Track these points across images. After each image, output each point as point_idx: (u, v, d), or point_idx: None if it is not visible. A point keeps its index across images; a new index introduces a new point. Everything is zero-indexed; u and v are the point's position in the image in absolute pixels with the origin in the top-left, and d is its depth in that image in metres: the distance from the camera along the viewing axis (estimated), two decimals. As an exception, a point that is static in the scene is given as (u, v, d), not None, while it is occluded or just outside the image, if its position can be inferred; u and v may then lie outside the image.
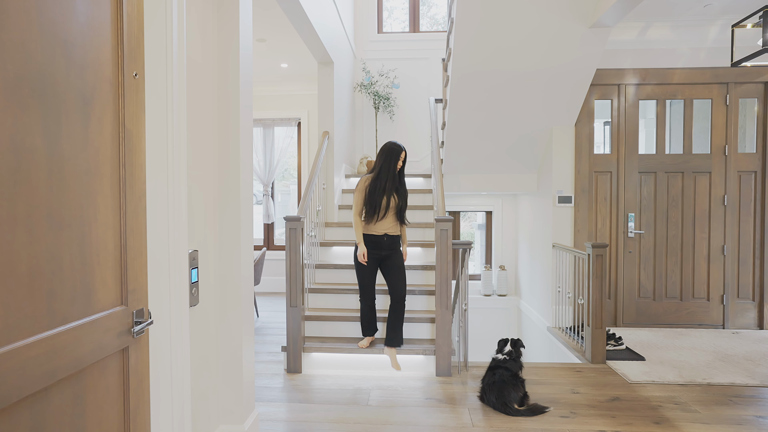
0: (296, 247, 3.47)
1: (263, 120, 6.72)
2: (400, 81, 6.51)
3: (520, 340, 3.13)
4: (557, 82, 4.31)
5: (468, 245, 3.50)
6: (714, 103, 4.70)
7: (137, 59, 1.61)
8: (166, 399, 1.74)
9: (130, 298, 1.57)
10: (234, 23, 2.18)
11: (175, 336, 1.76)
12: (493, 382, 2.92)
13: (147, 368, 1.67)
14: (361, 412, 2.82)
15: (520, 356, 3.07)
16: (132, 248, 1.59)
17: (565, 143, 4.74)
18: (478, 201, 6.64)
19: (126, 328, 1.53)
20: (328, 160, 4.85)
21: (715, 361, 3.69)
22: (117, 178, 1.52)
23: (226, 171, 2.21)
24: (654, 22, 4.54)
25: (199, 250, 2.03)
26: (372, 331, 3.59)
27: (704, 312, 4.76)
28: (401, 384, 3.27)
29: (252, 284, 2.37)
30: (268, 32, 4.82)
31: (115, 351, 1.49)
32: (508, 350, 3.09)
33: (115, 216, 1.50)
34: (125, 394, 1.55)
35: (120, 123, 1.52)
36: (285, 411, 2.85)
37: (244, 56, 2.24)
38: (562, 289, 4.54)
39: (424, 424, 2.67)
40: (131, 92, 1.57)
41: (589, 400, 2.99)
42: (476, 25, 3.85)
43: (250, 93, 2.33)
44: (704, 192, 4.73)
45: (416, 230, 4.72)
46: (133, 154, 1.59)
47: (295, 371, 3.49)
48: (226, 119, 2.20)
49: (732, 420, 2.70)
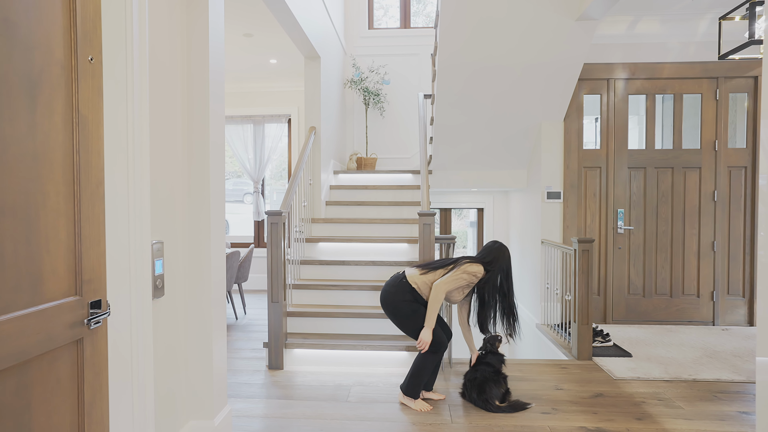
0: (278, 242, 3.43)
1: (253, 117, 6.68)
2: (391, 77, 6.47)
3: (498, 336, 3.09)
4: (545, 77, 4.27)
5: (451, 240, 3.46)
6: (704, 97, 4.66)
7: (93, 43, 1.56)
8: (126, 392, 1.69)
9: (85, 289, 1.53)
10: (203, 11, 2.14)
11: (135, 328, 1.71)
12: (474, 378, 2.88)
13: (105, 361, 1.63)
14: (339, 408, 2.78)
15: (495, 351, 3.02)
16: (87, 237, 1.54)
17: (553, 139, 4.70)
18: (470, 198, 6.60)
19: (80, 319, 1.48)
20: (315, 156, 4.81)
21: (702, 358, 3.65)
22: (70, 164, 1.47)
23: (196, 162, 2.16)
24: (643, 16, 4.50)
25: (166, 242, 1.99)
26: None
27: (694, 309, 4.72)
28: (383, 380, 3.23)
29: (224, 278, 2.33)
30: (254, 27, 4.77)
31: (67, 342, 1.44)
32: (482, 346, 3.06)
33: (67, 203, 1.46)
34: (80, 387, 1.50)
35: (73, 108, 1.48)
36: (262, 407, 2.81)
37: (213, 45, 2.20)
38: (550, 285, 4.50)
39: (402, 421, 2.63)
40: (86, 77, 1.53)
41: (571, 397, 2.95)
42: (460, 15, 3.81)
43: (221, 83, 2.29)
44: (694, 187, 4.70)
45: (404, 226, 4.68)
46: (89, 141, 1.55)
47: (276, 368, 3.45)
48: (195, 109, 2.15)
49: (715, 416, 2.67)
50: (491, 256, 2.85)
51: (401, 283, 2.85)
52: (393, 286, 2.87)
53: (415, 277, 2.84)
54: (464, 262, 2.83)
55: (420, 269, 2.89)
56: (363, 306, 3.84)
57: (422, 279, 2.83)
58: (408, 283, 2.83)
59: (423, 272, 2.86)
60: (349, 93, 6.52)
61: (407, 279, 2.85)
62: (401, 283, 2.85)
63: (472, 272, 2.78)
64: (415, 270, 2.90)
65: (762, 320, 1.20)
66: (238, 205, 7.95)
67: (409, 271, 2.90)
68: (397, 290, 2.84)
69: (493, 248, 2.89)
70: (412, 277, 2.85)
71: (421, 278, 2.83)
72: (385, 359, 3.46)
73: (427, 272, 2.86)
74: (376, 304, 3.85)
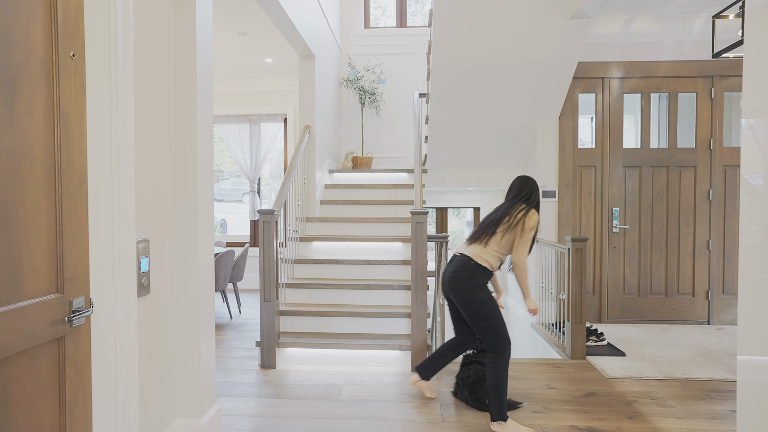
0: (270, 240, 3.42)
1: (249, 116, 6.67)
2: (387, 76, 6.46)
3: None
4: (539, 75, 4.26)
5: (444, 239, 3.45)
6: (699, 96, 4.65)
7: (75, 39, 1.56)
8: (110, 390, 1.68)
9: (67, 286, 1.52)
10: (190, 7, 2.13)
11: (120, 326, 1.70)
12: (466, 377, 2.87)
13: (88, 359, 1.62)
14: (330, 407, 2.77)
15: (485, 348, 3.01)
16: (70, 234, 1.53)
17: (548, 137, 4.69)
18: (466, 197, 6.59)
19: (61, 316, 1.48)
20: (309, 155, 4.80)
21: (696, 357, 3.65)
22: (51, 161, 1.46)
23: (184, 160, 2.15)
24: (638, 14, 4.49)
25: (152, 239, 1.98)
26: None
27: (689, 308, 4.71)
28: (375, 379, 3.22)
29: (212, 276, 2.32)
30: (249, 26, 4.76)
31: (48, 340, 1.44)
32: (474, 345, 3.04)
33: (48, 200, 1.45)
34: (61, 385, 1.50)
35: (54, 104, 1.47)
36: (253, 406, 2.80)
37: (201, 40, 2.19)
38: (545, 284, 4.49)
39: (393, 419, 2.62)
40: (68, 73, 1.52)
41: (564, 396, 2.94)
42: (453, 11, 3.80)
43: (210, 78, 2.28)
44: (689, 186, 4.69)
45: (398, 225, 4.67)
46: (71, 138, 1.54)
47: (269, 366, 3.44)
48: (183, 106, 2.14)
49: (707, 414, 2.66)
50: (533, 194, 2.67)
51: (472, 265, 2.55)
52: (463, 271, 2.56)
53: (481, 254, 2.56)
54: (519, 215, 2.56)
55: (479, 242, 2.60)
56: (357, 305, 3.83)
57: (489, 252, 2.57)
58: (479, 264, 2.55)
59: (484, 244, 2.58)
60: (345, 92, 6.51)
61: (475, 260, 2.56)
62: (472, 265, 2.55)
63: (534, 225, 2.56)
64: (475, 246, 2.60)
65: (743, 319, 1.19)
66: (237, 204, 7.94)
67: (470, 249, 2.61)
68: (470, 275, 2.54)
69: (527, 184, 2.70)
70: (479, 255, 2.56)
71: (488, 251, 2.57)
72: (377, 358, 3.46)
73: (488, 240, 2.58)
74: (370, 303, 3.84)
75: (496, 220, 2.60)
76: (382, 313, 3.61)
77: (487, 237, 2.59)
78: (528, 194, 2.68)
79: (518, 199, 2.67)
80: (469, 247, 2.64)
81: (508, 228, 2.56)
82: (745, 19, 1.45)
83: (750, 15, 1.43)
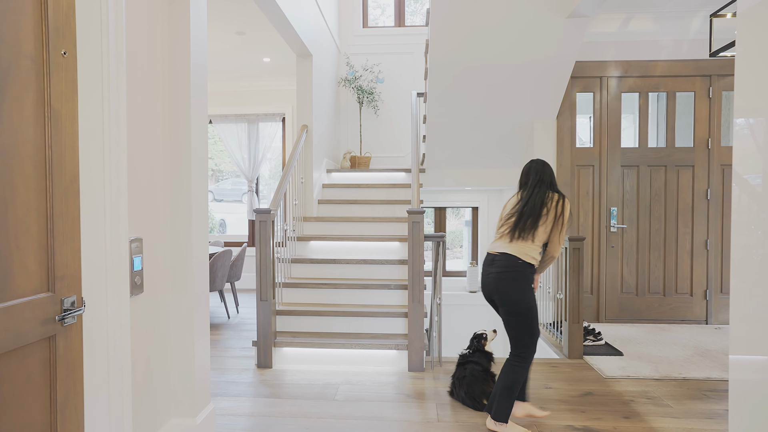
0: (266, 240, 3.42)
1: (247, 115, 6.66)
2: (385, 76, 6.45)
3: (484, 333, 3.07)
4: (537, 74, 4.25)
5: (440, 238, 3.44)
6: (697, 95, 4.64)
7: (66, 37, 1.55)
8: (102, 390, 1.68)
9: (59, 285, 1.51)
10: (185, 4, 2.12)
11: (112, 325, 1.69)
12: (462, 377, 2.87)
13: (80, 358, 1.61)
14: (326, 407, 2.76)
15: (481, 348, 3.01)
16: (61, 233, 1.53)
17: (546, 137, 4.69)
18: (464, 197, 6.58)
19: (51, 315, 1.47)
20: (307, 155, 4.79)
21: (693, 356, 3.64)
22: (42, 159, 1.46)
23: (178, 159, 2.15)
24: (636, 13, 4.48)
25: (146, 238, 1.97)
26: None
27: (687, 307, 4.70)
28: (372, 379, 3.21)
29: (206, 274, 2.31)
30: (246, 25, 4.76)
31: (38, 339, 1.43)
32: (469, 345, 3.05)
33: (39, 198, 1.44)
34: (52, 384, 1.49)
35: (45, 102, 1.46)
36: (249, 406, 2.79)
37: (196, 38, 2.18)
38: (543, 284, 4.48)
39: (389, 419, 2.62)
40: (59, 71, 1.51)
41: (560, 395, 2.94)
42: (450, 10, 3.79)
43: (204, 77, 2.27)
44: (687, 186, 4.68)
45: (396, 225, 4.66)
46: (62, 135, 1.53)
47: (265, 366, 3.44)
48: (177, 104, 2.14)
49: (703, 414, 2.65)
50: (553, 178, 2.54)
51: (520, 264, 2.39)
52: (512, 272, 2.40)
53: (528, 251, 2.41)
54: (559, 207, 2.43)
55: (523, 239, 2.42)
56: (354, 304, 3.82)
57: (534, 248, 2.43)
58: (527, 263, 2.40)
59: (531, 240, 2.42)
60: (343, 92, 6.50)
61: (523, 258, 2.40)
62: (520, 264, 2.39)
63: (569, 213, 2.48)
64: (519, 243, 2.42)
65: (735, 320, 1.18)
66: (236, 204, 7.94)
67: (514, 247, 2.42)
68: (521, 275, 2.40)
69: (546, 168, 2.55)
70: (525, 253, 2.41)
71: (534, 247, 2.43)
72: (374, 358, 3.45)
73: (533, 236, 2.42)
74: (367, 303, 3.84)
75: (536, 213, 2.43)
76: (379, 312, 3.61)
77: (531, 231, 2.42)
78: (550, 179, 2.53)
79: (543, 186, 2.49)
80: (511, 244, 2.44)
81: (548, 220, 2.43)
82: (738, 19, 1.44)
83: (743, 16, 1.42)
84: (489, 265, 2.50)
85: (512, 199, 2.59)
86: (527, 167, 2.61)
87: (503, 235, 2.49)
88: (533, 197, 2.46)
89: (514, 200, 2.56)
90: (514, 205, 2.53)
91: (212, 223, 7.88)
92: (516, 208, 2.49)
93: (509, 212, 2.52)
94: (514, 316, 2.40)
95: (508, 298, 2.40)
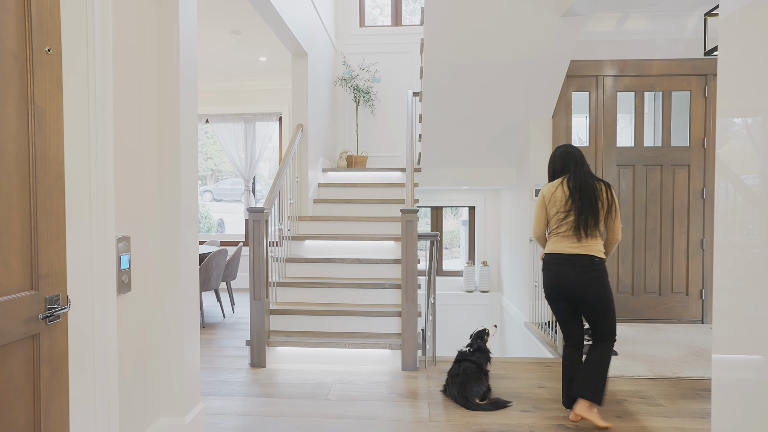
0: (260, 239, 3.41)
1: (244, 115, 6.65)
2: (382, 75, 6.44)
3: (485, 330, 3.06)
4: (532, 73, 4.24)
5: (434, 237, 3.43)
6: (693, 95, 4.64)
7: (51, 33, 1.54)
8: (88, 389, 1.67)
9: (42, 283, 1.50)
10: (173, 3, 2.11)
11: (98, 324, 1.69)
12: (456, 375, 2.86)
13: (65, 357, 1.61)
14: (318, 407, 2.76)
15: (483, 346, 3.01)
16: (45, 231, 1.52)
17: (542, 136, 4.68)
18: (461, 197, 6.57)
19: (35, 314, 1.46)
20: (302, 154, 4.78)
21: (688, 356, 3.63)
22: (25, 156, 1.45)
23: (167, 157, 2.14)
24: (632, 12, 4.47)
25: (134, 237, 1.96)
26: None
27: (683, 307, 4.70)
28: (365, 378, 3.20)
29: (196, 273, 2.30)
30: (242, 24, 4.75)
31: (21, 338, 1.42)
32: (469, 343, 3.04)
33: (22, 196, 1.44)
34: (35, 383, 1.48)
35: (29, 100, 1.46)
36: (241, 405, 2.78)
37: (185, 34, 2.17)
38: (538, 283, 4.48)
39: (380, 418, 2.61)
40: (43, 68, 1.50)
41: (553, 395, 2.93)
42: (445, 9, 3.78)
43: (194, 73, 2.26)
44: (683, 185, 4.67)
45: (391, 224, 4.65)
46: (47, 133, 1.53)
47: (258, 365, 3.43)
48: (165, 102, 2.13)
49: (695, 413, 2.64)
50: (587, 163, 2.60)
51: (599, 262, 2.47)
52: (596, 270, 2.46)
53: (599, 247, 2.49)
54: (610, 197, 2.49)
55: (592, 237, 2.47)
56: (348, 304, 3.81)
57: (601, 241, 2.52)
58: (603, 259, 2.50)
59: (597, 236, 2.49)
60: (339, 91, 6.50)
61: (599, 256, 2.47)
62: (599, 262, 2.47)
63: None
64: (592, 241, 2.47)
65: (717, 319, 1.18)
66: (236, 204, 7.94)
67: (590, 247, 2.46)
68: (603, 272, 2.48)
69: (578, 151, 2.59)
70: (599, 250, 2.48)
71: (601, 241, 2.52)
72: (368, 357, 3.44)
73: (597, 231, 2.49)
74: (362, 302, 3.83)
75: (594, 211, 2.47)
76: (373, 312, 3.60)
77: (596, 229, 2.48)
78: (588, 166, 2.58)
79: (588, 177, 2.52)
80: (581, 245, 2.48)
81: (605, 213, 2.50)
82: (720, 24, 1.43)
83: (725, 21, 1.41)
84: (562, 266, 2.52)
85: (557, 192, 2.54)
86: (561, 153, 2.61)
87: (567, 236, 2.51)
88: (586, 193, 2.47)
89: (560, 193, 2.53)
90: (564, 200, 2.51)
91: (210, 222, 7.87)
92: (569, 204, 2.50)
93: (563, 208, 2.51)
94: (603, 310, 2.50)
95: (597, 296, 2.48)
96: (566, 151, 2.61)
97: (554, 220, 2.56)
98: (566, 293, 2.54)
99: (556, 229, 2.57)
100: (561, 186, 2.55)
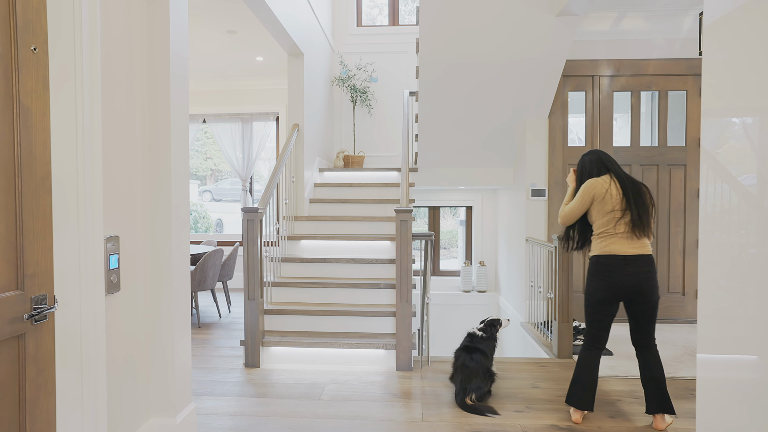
0: (254, 238, 3.40)
1: (241, 114, 6.65)
2: (379, 75, 6.44)
3: (499, 320, 3.05)
4: (528, 73, 4.24)
5: (429, 237, 3.43)
6: (689, 94, 4.63)
7: (37, 32, 1.53)
8: (76, 389, 1.66)
9: (28, 283, 1.50)
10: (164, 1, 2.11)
11: (86, 324, 1.68)
12: (466, 366, 2.81)
13: (51, 357, 1.60)
14: (311, 407, 2.75)
15: (494, 335, 3.00)
16: (31, 231, 1.51)
17: (538, 136, 4.67)
18: (458, 196, 6.57)
19: (20, 314, 1.46)
20: (298, 154, 4.78)
21: (683, 356, 3.62)
22: (10, 156, 1.44)
23: (157, 156, 2.13)
24: (628, 12, 4.47)
25: (124, 236, 1.96)
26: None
27: (679, 307, 4.69)
28: (359, 378, 3.20)
29: (187, 273, 2.30)
30: (238, 24, 4.74)
31: (6, 338, 1.41)
32: (481, 327, 3.02)
33: (7, 196, 1.43)
34: (21, 384, 1.47)
35: (14, 98, 1.45)
36: (234, 405, 2.78)
37: (175, 28, 2.17)
38: (534, 283, 4.47)
39: (373, 418, 2.60)
40: (28, 67, 1.50)
41: (547, 395, 2.92)
42: (440, 7, 3.78)
43: (185, 70, 2.25)
44: (679, 185, 4.67)
45: (387, 224, 4.65)
46: (33, 133, 1.52)
47: (253, 365, 3.42)
48: (156, 101, 2.12)
49: (688, 413, 2.64)
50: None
51: (654, 261, 2.53)
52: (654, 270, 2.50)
53: (650, 246, 2.52)
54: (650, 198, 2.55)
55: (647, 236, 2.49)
56: (343, 303, 3.81)
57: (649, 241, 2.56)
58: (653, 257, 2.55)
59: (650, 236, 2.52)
60: (336, 91, 6.49)
61: (652, 254, 2.52)
62: (654, 261, 2.53)
63: None
64: (647, 241, 2.50)
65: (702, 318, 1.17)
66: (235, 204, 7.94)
67: (645, 247, 2.49)
68: (655, 272, 2.51)
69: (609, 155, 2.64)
70: (650, 249, 2.51)
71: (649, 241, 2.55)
72: (362, 357, 3.43)
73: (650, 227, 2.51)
74: (357, 302, 3.82)
75: (647, 211, 2.49)
76: (368, 311, 3.59)
77: (648, 229, 2.50)
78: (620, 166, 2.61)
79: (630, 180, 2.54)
80: (643, 243, 2.49)
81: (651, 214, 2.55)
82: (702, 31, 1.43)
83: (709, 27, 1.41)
84: (628, 266, 2.46)
85: (612, 189, 2.50)
86: (595, 158, 2.60)
87: (626, 236, 2.48)
88: (639, 192, 2.50)
89: (615, 191, 2.50)
90: (620, 198, 2.49)
91: (208, 222, 7.87)
92: (624, 203, 2.48)
93: (619, 206, 2.48)
94: (653, 310, 2.50)
95: (657, 295, 2.49)
96: (599, 157, 2.61)
97: (608, 219, 2.50)
98: (628, 294, 2.48)
99: (612, 229, 2.50)
100: (611, 183, 2.53)
